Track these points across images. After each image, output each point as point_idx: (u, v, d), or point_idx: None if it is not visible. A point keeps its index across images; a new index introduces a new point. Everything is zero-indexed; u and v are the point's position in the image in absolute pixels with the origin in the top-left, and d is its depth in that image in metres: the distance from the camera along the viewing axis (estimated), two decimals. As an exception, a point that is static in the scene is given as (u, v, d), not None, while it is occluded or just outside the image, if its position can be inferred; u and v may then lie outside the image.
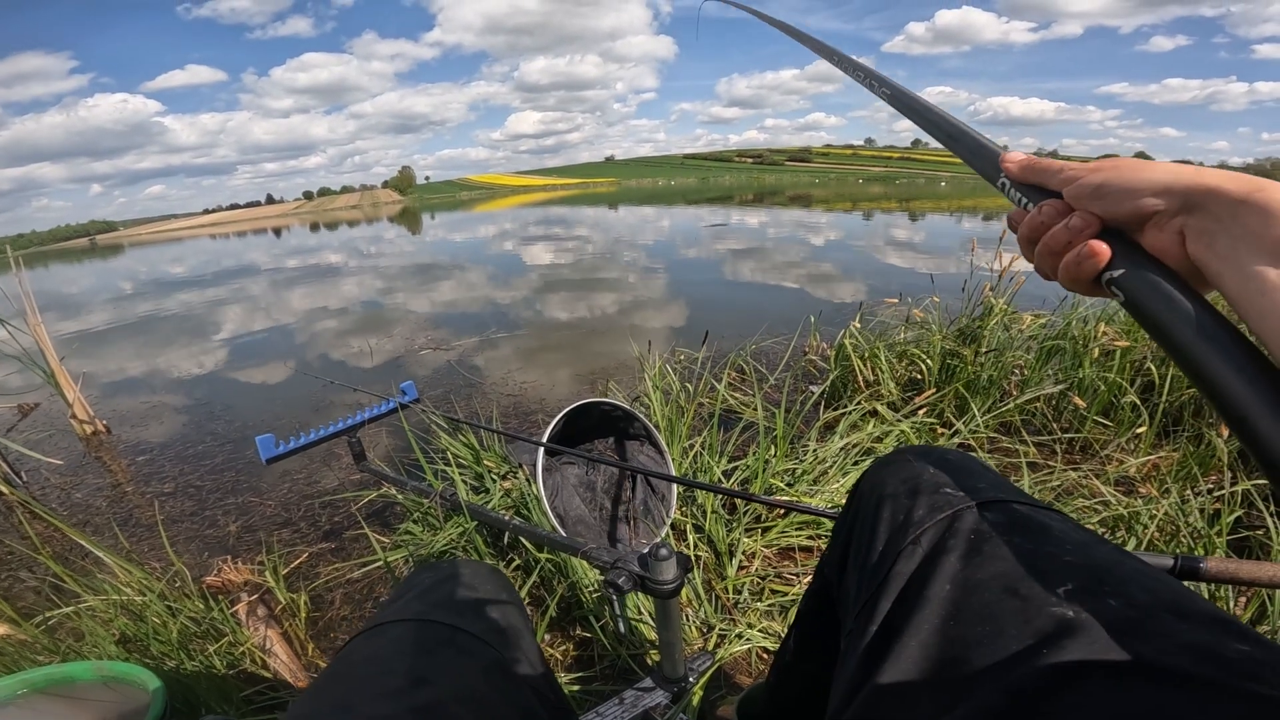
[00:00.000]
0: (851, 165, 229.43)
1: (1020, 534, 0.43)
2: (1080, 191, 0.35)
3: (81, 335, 5.80)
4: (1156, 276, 0.31)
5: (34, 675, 0.98)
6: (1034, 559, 0.40)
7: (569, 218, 20.12)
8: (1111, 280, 0.33)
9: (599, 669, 1.22)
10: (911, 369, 2.33)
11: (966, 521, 0.46)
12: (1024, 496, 0.49)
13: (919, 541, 0.46)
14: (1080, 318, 2.29)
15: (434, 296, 6.19)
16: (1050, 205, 0.36)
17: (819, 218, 14.42)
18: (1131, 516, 1.37)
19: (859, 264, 6.68)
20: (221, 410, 3.15)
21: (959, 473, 0.53)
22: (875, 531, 0.51)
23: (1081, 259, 0.34)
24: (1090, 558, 0.40)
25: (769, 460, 1.67)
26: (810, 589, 0.70)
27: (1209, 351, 0.29)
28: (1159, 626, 0.33)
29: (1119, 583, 0.37)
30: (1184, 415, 1.93)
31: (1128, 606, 0.35)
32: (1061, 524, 0.45)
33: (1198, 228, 0.31)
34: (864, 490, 0.58)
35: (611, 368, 3.22)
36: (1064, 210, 0.36)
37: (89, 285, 12.73)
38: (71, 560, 1.80)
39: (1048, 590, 0.37)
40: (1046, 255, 0.36)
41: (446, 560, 0.68)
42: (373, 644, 0.52)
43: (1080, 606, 0.35)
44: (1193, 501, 1.33)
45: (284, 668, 1.24)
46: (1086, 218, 0.34)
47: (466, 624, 0.55)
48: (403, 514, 1.73)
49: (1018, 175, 0.39)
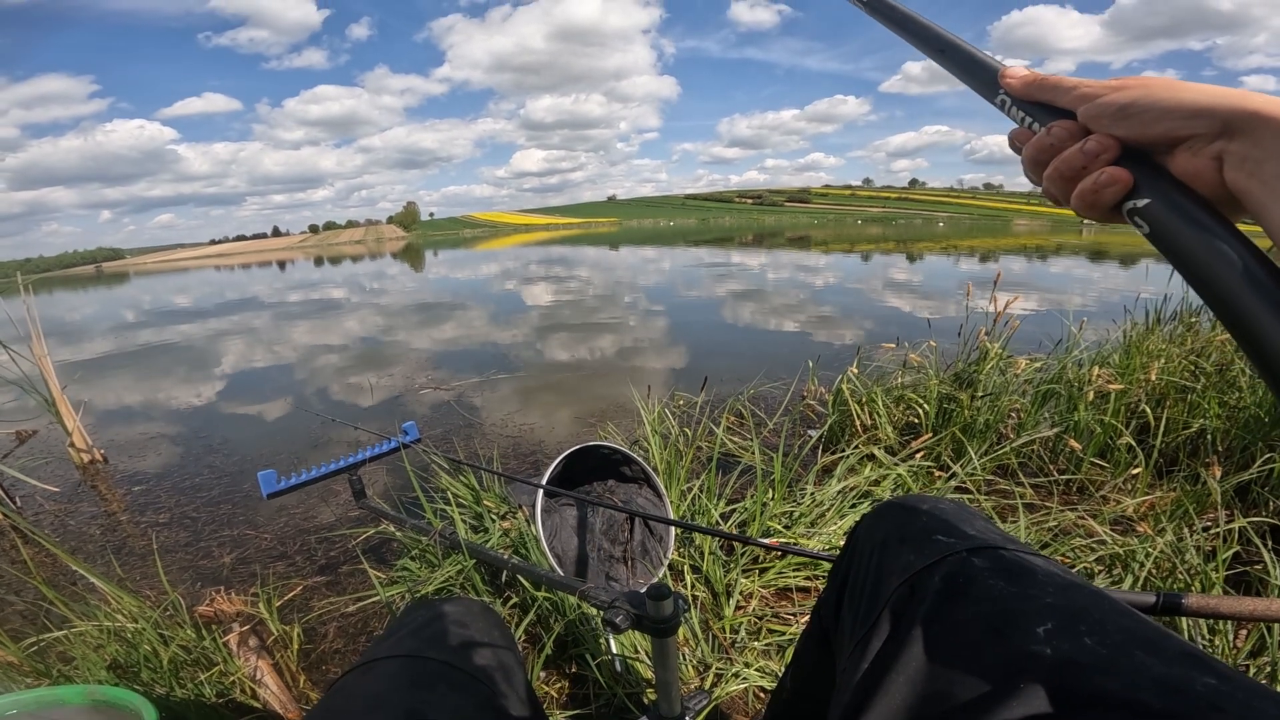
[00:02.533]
0: (850, 206, 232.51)
1: (1005, 577, 0.45)
2: (1100, 112, 0.31)
3: (83, 363, 5.81)
4: (1188, 206, 0.29)
5: (25, 697, 0.98)
6: (1017, 601, 0.42)
7: (570, 257, 20.32)
8: (1135, 210, 0.30)
9: (595, 707, 1.20)
10: (908, 413, 2.35)
11: (955, 566, 0.48)
12: (1012, 542, 0.51)
13: (910, 585, 0.49)
14: (1075, 361, 2.32)
15: (434, 335, 6.23)
16: (1061, 126, 0.33)
17: (818, 260, 14.60)
18: (1128, 555, 1.38)
19: (857, 307, 6.74)
20: (219, 443, 3.14)
21: (950, 520, 0.55)
22: (869, 575, 0.54)
23: (1099, 186, 0.31)
24: (1070, 599, 0.41)
25: (767, 503, 1.68)
26: (806, 630, 0.72)
27: (1248, 291, 0.26)
28: (1131, 663, 0.35)
29: (1096, 622, 0.38)
30: (1180, 456, 1.94)
31: (1102, 644, 0.36)
32: (1046, 567, 0.47)
33: (1240, 154, 0.28)
34: (860, 536, 0.60)
35: (610, 410, 3.23)
36: (1077, 132, 0.32)
37: (92, 313, 12.79)
38: (63, 586, 1.78)
39: (1028, 630, 0.39)
40: (1058, 180, 0.33)
41: (440, 598, 0.69)
42: (366, 679, 0.52)
43: (1058, 644, 0.37)
44: (1189, 539, 1.34)
45: (274, 699, 1.23)
46: (1105, 141, 0.31)
47: (460, 661, 0.56)
48: (400, 551, 1.73)
49: (1021, 92, 0.35)
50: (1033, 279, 9.11)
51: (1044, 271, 10.53)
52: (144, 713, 0.93)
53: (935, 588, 0.46)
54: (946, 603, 0.45)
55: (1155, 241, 0.30)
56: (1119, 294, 6.68)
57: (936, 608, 0.45)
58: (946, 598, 0.45)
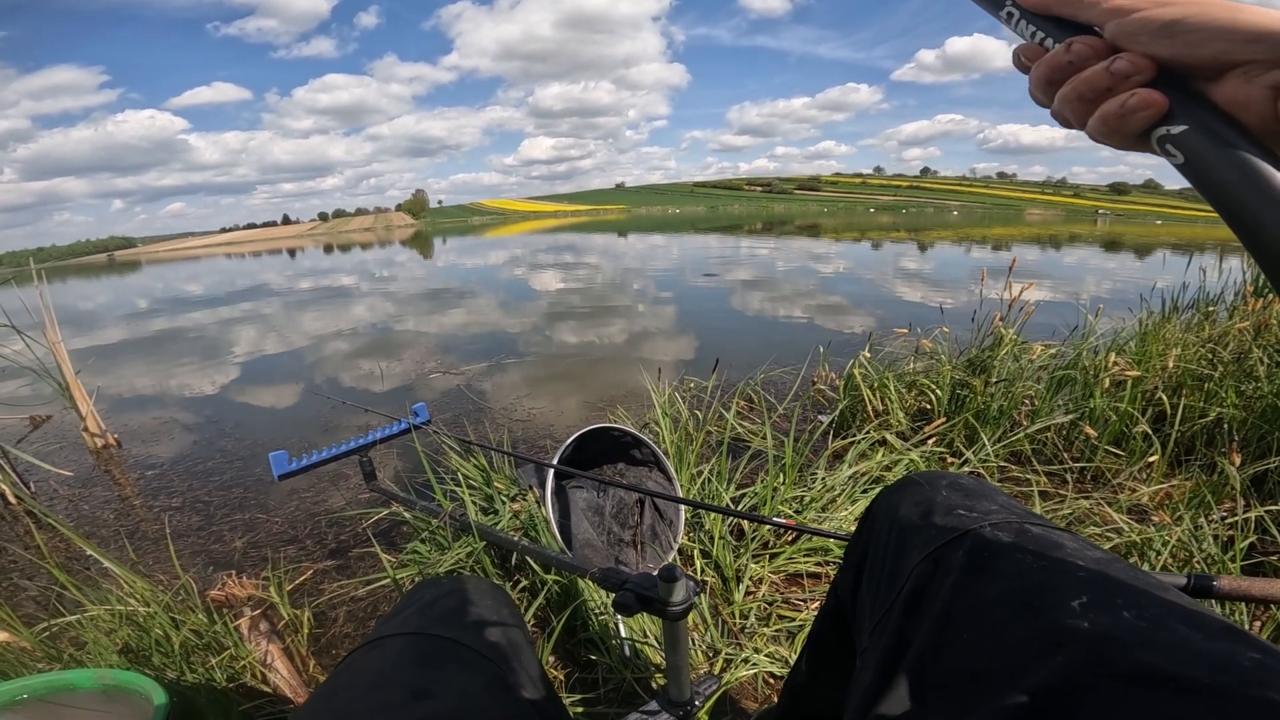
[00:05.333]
0: (860, 195, 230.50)
1: (1033, 552, 0.44)
2: (1137, 28, 0.28)
3: (95, 350, 5.86)
4: (1232, 136, 0.26)
5: (35, 681, 0.98)
6: (1047, 575, 0.41)
7: (579, 244, 20.29)
8: (1168, 138, 0.27)
9: (603, 691, 1.20)
10: (921, 399, 2.33)
11: (979, 541, 0.46)
12: (1037, 518, 0.50)
13: (933, 560, 0.47)
14: (1091, 348, 2.29)
15: (444, 321, 6.23)
16: (1084, 43, 0.29)
17: (828, 247, 14.50)
18: (1144, 543, 1.37)
19: (868, 295, 6.69)
20: (231, 428, 3.16)
21: (972, 495, 0.54)
22: (889, 552, 0.52)
23: (1128, 110, 0.27)
24: (1103, 573, 0.40)
25: (777, 487, 1.66)
26: (823, 610, 0.70)
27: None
28: (1173, 636, 0.33)
29: (1133, 595, 0.37)
30: (1196, 444, 1.92)
31: (1141, 618, 0.35)
32: (1075, 543, 0.45)
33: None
34: (878, 512, 0.59)
35: (620, 395, 3.22)
36: (1102, 50, 0.29)
37: (105, 301, 12.89)
38: (75, 570, 1.80)
39: (1061, 603, 0.37)
40: (1075, 102, 0.29)
41: (448, 576, 0.68)
42: (373, 657, 0.52)
43: (1095, 618, 0.35)
44: (1206, 528, 1.32)
45: (284, 683, 1.23)
46: (1138, 61, 0.27)
47: (468, 639, 0.55)
48: (410, 534, 1.73)
49: (1034, 4, 0.31)
50: (1047, 268, 9.02)
51: (1058, 261, 10.42)
52: (154, 697, 0.93)
53: (959, 563, 0.45)
54: (971, 577, 0.43)
55: (1187, 172, 0.27)
56: (1134, 285, 6.60)
57: (961, 583, 0.43)
58: (971, 572, 0.44)
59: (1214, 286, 3.26)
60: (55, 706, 0.97)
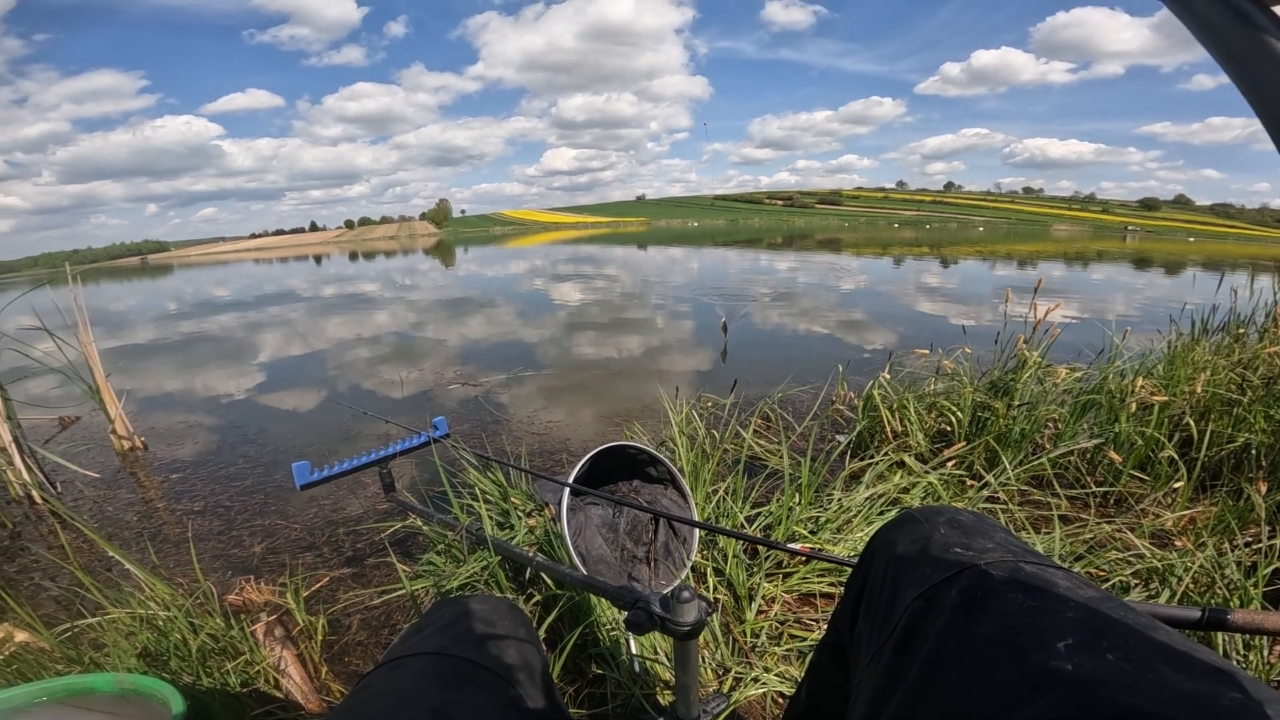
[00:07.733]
0: (882, 209, 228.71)
1: (1024, 592, 0.44)
2: None
3: (125, 352, 5.99)
4: None
5: (54, 684, 0.99)
6: (1036, 616, 0.41)
7: (598, 256, 20.38)
8: None
9: (611, 707, 1.20)
10: (941, 421, 2.30)
11: (973, 580, 0.47)
12: (1033, 555, 0.50)
13: (926, 599, 0.48)
14: (1118, 371, 2.25)
15: (463, 331, 6.29)
16: None
17: (849, 262, 14.43)
18: (1166, 569, 1.34)
19: (889, 312, 6.64)
20: (254, 433, 3.21)
21: (970, 533, 0.55)
22: (886, 588, 0.53)
23: None
24: (1093, 613, 0.40)
25: (793, 507, 1.65)
26: (823, 641, 0.71)
27: None
28: (1157, 678, 0.34)
29: (1119, 637, 0.37)
30: (1223, 470, 1.88)
31: (1126, 660, 0.35)
32: (1068, 581, 0.46)
33: None
34: (876, 549, 0.60)
35: (636, 410, 3.23)
36: None
37: (136, 304, 13.18)
38: (97, 571, 1.83)
39: (1048, 645, 0.38)
40: None
41: (466, 596, 0.69)
42: (393, 677, 0.52)
43: (1079, 660, 0.36)
44: (1229, 555, 1.30)
45: (296, 689, 1.25)
46: None
47: (486, 660, 0.56)
48: (425, 545, 1.74)
49: None
50: (1073, 286, 8.89)
51: (1085, 278, 10.27)
52: (172, 702, 0.94)
53: (952, 602, 0.46)
54: (963, 617, 0.44)
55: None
56: (1163, 303, 6.48)
57: (953, 622, 0.44)
58: (963, 612, 0.44)
59: (1245, 307, 3.20)
60: (72, 710, 0.98)
